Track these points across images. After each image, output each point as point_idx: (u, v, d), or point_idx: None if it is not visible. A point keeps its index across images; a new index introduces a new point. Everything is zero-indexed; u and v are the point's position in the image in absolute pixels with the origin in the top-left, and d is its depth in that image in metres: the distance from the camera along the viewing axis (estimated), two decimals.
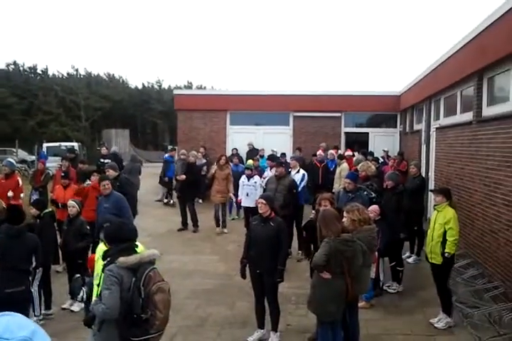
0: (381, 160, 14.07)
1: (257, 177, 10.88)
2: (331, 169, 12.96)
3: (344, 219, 5.26)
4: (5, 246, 5.21)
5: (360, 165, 9.24)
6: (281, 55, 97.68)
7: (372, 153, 13.96)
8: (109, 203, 7.44)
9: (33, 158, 24.31)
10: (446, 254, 6.04)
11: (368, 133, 17.27)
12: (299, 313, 6.47)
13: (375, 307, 6.71)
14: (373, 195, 8.03)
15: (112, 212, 7.13)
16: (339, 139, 16.92)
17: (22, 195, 9.98)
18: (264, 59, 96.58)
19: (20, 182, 9.84)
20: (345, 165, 12.16)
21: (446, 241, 6.05)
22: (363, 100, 16.65)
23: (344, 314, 5.13)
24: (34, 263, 5.51)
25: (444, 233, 6.08)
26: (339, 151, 14.73)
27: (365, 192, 7.93)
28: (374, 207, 6.96)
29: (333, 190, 11.08)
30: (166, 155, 16.20)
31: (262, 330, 5.84)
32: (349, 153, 13.97)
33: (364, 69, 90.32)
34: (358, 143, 16.51)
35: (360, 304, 6.10)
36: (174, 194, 14.62)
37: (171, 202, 15.14)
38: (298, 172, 10.17)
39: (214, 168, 11.67)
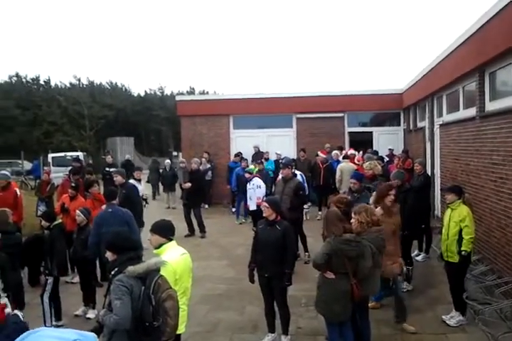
0: (386, 158, 14.04)
1: (255, 180, 10.89)
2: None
3: (352, 221, 5.25)
4: None
5: (366, 164, 9.21)
6: (280, 56, 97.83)
7: (376, 152, 13.95)
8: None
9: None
10: (463, 252, 5.98)
11: (371, 132, 17.25)
12: (309, 316, 6.45)
13: (386, 307, 6.67)
14: None
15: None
16: (343, 139, 16.90)
17: None
18: (264, 62, 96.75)
19: (19, 192, 9.80)
20: (343, 164, 12.15)
21: (463, 239, 6.00)
22: (366, 99, 16.62)
23: (354, 314, 5.11)
24: (1, 285, 5.18)
25: (460, 231, 6.03)
26: (343, 151, 14.72)
27: (374, 192, 7.90)
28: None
29: (341, 191, 11.04)
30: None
31: (273, 334, 5.83)
32: (352, 151, 13.97)
33: (365, 68, 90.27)
34: (362, 142, 16.47)
35: (371, 304, 6.08)
36: (177, 199, 14.79)
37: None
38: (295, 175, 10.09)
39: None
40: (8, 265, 5.31)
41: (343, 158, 12.97)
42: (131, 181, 10.63)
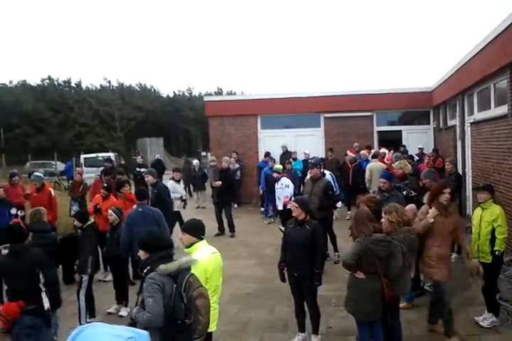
0: (416, 158, 13.88)
1: (283, 179, 10.89)
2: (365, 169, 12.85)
3: (382, 220, 5.23)
4: (8, 266, 5.13)
5: (396, 163, 9.13)
6: (308, 56, 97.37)
7: (406, 151, 13.80)
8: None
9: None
10: (496, 252, 5.88)
11: (400, 131, 17.06)
12: (339, 315, 6.44)
13: (417, 308, 6.62)
14: (413, 193, 7.93)
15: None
16: (372, 138, 16.77)
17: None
18: (291, 61, 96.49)
19: (53, 193, 10.08)
20: (372, 164, 12.06)
21: (495, 239, 5.89)
22: (394, 98, 16.45)
23: (385, 315, 5.09)
24: (42, 280, 5.27)
25: (492, 231, 5.92)
26: (372, 151, 14.61)
27: (405, 191, 7.84)
28: (411, 206, 6.85)
29: (370, 191, 10.97)
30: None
31: (303, 334, 5.85)
32: (383, 150, 13.85)
33: (393, 66, 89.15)
34: (391, 141, 16.31)
35: (402, 304, 6.03)
36: (207, 198, 14.90)
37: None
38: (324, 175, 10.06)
39: None
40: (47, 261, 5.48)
41: (372, 157, 12.87)
42: (171, 182, 10.84)
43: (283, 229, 7.21)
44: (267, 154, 15.70)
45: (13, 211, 8.69)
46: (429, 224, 5.59)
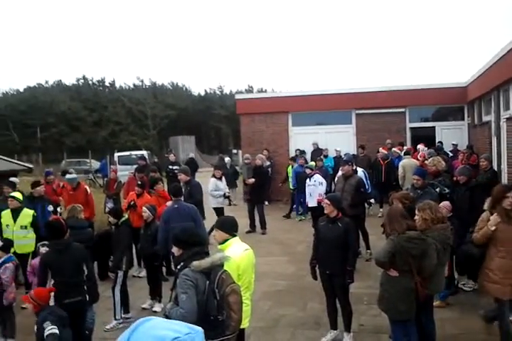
0: (450, 154, 13.62)
1: (316, 176, 10.85)
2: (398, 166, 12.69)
3: (416, 218, 5.17)
4: (54, 261, 5.34)
5: (429, 160, 8.99)
6: (338, 52, 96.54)
7: (440, 148, 13.55)
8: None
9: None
10: None
11: (434, 128, 16.74)
12: (371, 313, 6.40)
13: (451, 306, 6.53)
14: (447, 190, 7.81)
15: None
16: (404, 135, 16.52)
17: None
18: (322, 58, 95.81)
19: (89, 190, 10.33)
20: (405, 161, 11.89)
21: None
22: (427, 93, 16.15)
23: (418, 313, 5.04)
24: (86, 272, 5.50)
25: None
26: (404, 148, 14.40)
27: (438, 188, 7.72)
28: (445, 204, 6.77)
29: (403, 188, 10.83)
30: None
31: (335, 331, 5.85)
32: (421, 147, 13.64)
33: (426, 62, 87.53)
34: (425, 138, 16.03)
35: (435, 303, 5.96)
36: (238, 196, 14.98)
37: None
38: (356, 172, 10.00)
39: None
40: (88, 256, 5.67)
41: (405, 154, 12.71)
42: (212, 179, 10.99)
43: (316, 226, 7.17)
44: (302, 152, 15.68)
45: (50, 208, 8.93)
46: (489, 232, 5.12)
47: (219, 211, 10.75)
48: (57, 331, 4.46)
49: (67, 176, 10.53)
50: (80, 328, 5.28)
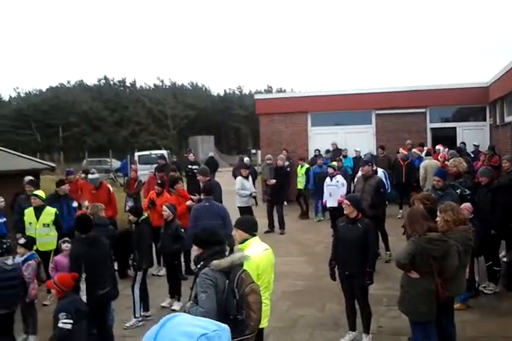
0: (471, 155, 13.45)
1: (339, 177, 10.80)
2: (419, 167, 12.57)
3: (438, 219, 5.12)
4: (85, 254, 5.49)
5: (450, 161, 8.89)
6: (357, 51, 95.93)
7: (462, 149, 13.38)
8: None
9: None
10: None
11: (455, 128, 16.53)
12: (390, 315, 6.36)
13: (472, 309, 6.45)
14: (468, 191, 7.72)
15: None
16: (425, 136, 16.34)
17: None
18: (343, 57, 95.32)
19: (111, 189, 10.45)
20: (427, 162, 11.77)
21: None
22: (449, 93, 15.95)
23: (439, 315, 4.99)
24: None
25: None
26: (425, 148, 14.26)
27: (459, 190, 7.63)
28: (466, 205, 6.69)
29: (424, 189, 10.72)
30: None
31: (354, 332, 5.82)
32: (438, 147, 13.52)
33: (448, 61, 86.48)
34: (445, 138, 15.85)
35: (456, 305, 5.89)
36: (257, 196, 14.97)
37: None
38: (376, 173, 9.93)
39: None
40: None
41: (426, 155, 12.58)
42: (239, 178, 11.05)
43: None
44: (328, 151, 15.64)
45: (75, 204, 9.11)
46: None
47: (244, 210, 10.78)
48: (69, 326, 4.54)
49: (90, 176, 10.66)
50: (105, 321, 5.39)
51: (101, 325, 5.18)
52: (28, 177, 9.35)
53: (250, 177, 11.36)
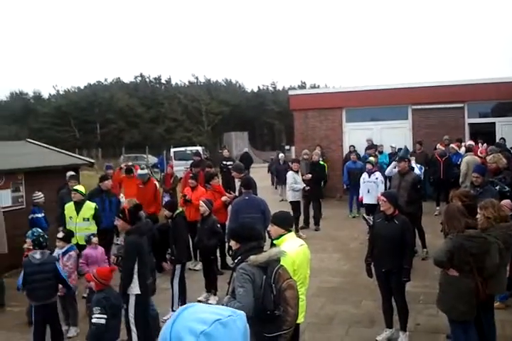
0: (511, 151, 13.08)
1: (378, 174, 10.70)
2: (457, 163, 12.32)
3: (478, 216, 5.03)
4: (140, 245, 5.54)
5: (490, 157, 8.69)
6: (393, 46, 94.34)
7: (502, 145, 13.04)
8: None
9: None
10: None
11: (494, 123, 16.09)
12: (428, 313, 6.29)
13: (511, 308, 6.32)
14: (507, 188, 7.54)
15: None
16: (463, 131, 15.97)
17: None
18: (378, 52, 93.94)
19: (158, 185, 10.63)
20: (469, 158, 11.51)
21: None
22: (487, 88, 15.53)
23: (478, 314, 4.91)
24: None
25: None
26: (463, 144, 13.96)
27: (498, 186, 7.47)
28: (506, 202, 6.52)
29: (462, 185, 10.51)
30: None
31: (391, 330, 5.77)
32: (470, 142, 13.26)
33: (485, 55, 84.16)
34: (484, 134, 15.46)
35: (495, 304, 5.77)
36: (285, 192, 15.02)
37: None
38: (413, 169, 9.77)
39: None
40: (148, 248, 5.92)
41: (467, 150, 12.31)
42: (290, 173, 11.13)
43: (367, 217, 7.11)
44: (354, 150, 15.50)
45: (122, 198, 9.35)
46: None
47: (295, 204, 10.81)
48: (103, 321, 4.63)
49: (139, 172, 10.85)
50: (148, 310, 5.55)
51: (145, 316, 5.30)
52: (70, 173, 9.59)
53: (299, 172, 11.36)
